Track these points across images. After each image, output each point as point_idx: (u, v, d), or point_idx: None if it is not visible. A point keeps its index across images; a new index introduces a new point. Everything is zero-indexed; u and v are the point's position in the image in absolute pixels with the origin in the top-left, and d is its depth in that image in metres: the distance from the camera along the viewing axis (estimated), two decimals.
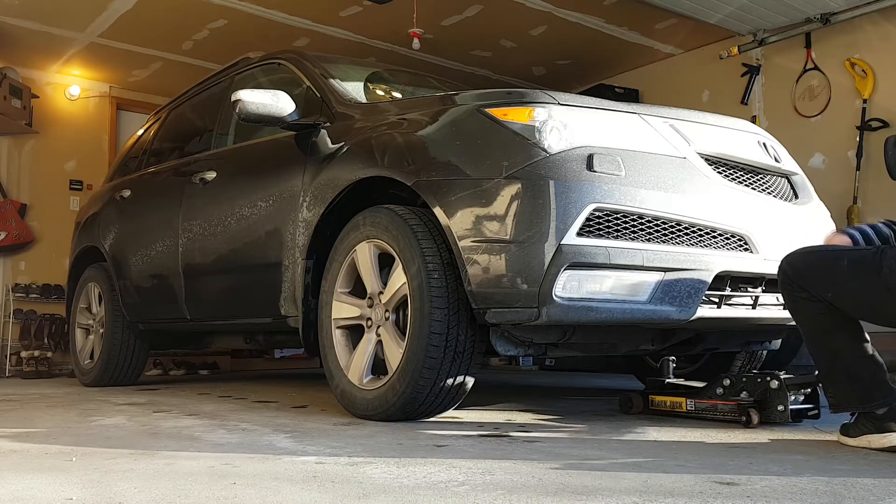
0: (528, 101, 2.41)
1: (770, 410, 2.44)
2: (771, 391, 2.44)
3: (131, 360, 4.42)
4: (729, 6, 5.08)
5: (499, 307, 2.25)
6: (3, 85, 5.75)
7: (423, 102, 2.81)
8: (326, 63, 3.46)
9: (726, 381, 2.56)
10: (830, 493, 1.46)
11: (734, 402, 2.49)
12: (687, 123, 2.59)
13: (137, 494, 1.48)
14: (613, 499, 1.42)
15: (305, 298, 2.92)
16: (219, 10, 5.34)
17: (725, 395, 2.54)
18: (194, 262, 3.64)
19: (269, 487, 1.54)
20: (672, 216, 2.32)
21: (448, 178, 2.40)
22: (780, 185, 2.80)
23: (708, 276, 2.32)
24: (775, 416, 2.43)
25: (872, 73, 5.06)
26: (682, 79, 6.27)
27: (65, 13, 5.38)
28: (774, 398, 2.44)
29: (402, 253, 2.47)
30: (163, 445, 2.10)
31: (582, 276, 2.20)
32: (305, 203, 2.93)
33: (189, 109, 4.43)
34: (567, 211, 2.20)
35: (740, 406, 2.46)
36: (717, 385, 2.58)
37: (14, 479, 1.64)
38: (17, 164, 6.37)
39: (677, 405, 2.69)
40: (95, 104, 6.78)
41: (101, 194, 4.86)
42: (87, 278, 4.66)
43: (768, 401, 2.45)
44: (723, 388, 2.56)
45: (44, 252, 6.38)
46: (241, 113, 2.99)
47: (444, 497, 1.44)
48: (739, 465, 1.78)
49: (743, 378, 2.52)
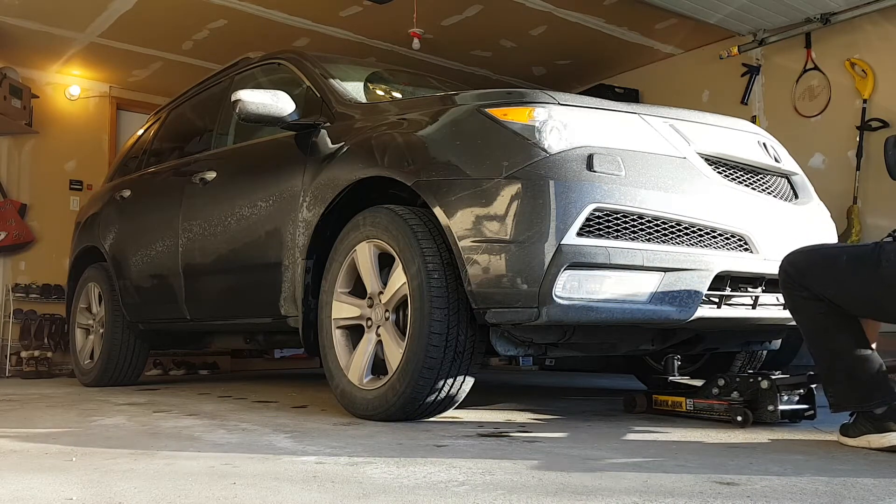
0: (528, 101, 2.41)
1: (761, 411, 2.45)
2: (761, 391, 2.45)
3: (131, 360, 4.42)
4: (729, 6, 5.08)
5: (499, 307, 2.26)
6: (3, 85, 5.75)
7: (423, 102, 2.81)
8: (326, 63, 3.46)
9: (721, 382, 2.57)
10: (830, 493, 1.46)
11: (726, 401, 2.50)
12: (687, 123, 2.59)
13: (137, 494, 1.48)
14: (613, 499, 1.42)
15: (305, 298, 2.93)
16: (219, 10, 5.34)
17: (720, 394, 2.55)
18: (194, 262, 3.64)
19: (269, 487, 1.54)
20: (672, 216, 2.32)
21: (448, 178, 2.40)
22: (780, 185, 2.80)
23: (708, 276, 2.32)
24: (766, 416, 2.45)
25: (872, 73, 5.06)
26: (682, 79, 6.26)
27: (65, 13, 5.38)
28: (765, 398, 2.45)
29: (402, 253, 2.47)
30: (163, 445, 2.10)
31: (582, 276, 2.20)
32: (305, 203, 2.93)
33: (189, 109, 4.43)
34: (567, 211, 2.20)
35: (731, 406, 2.47)
36: (713, 385, 2.59)
37: (14, 479, 1.64)
38: (17, 164, 6.37)
39: (678, 405, 2.70)
40: (95, 104, 6.78)
41: (101, 194, 4.86)
42: (87, 278, 4.66)
43: (759, 401, 2.46)
44: (718, 388, 2.57)
45: (44, 252, 6.38)
46: (241, 113, 2.99)
47: (444, 497, 1.44)
48: (739, 465, 1.78)
49: (736, 378, 2.53)
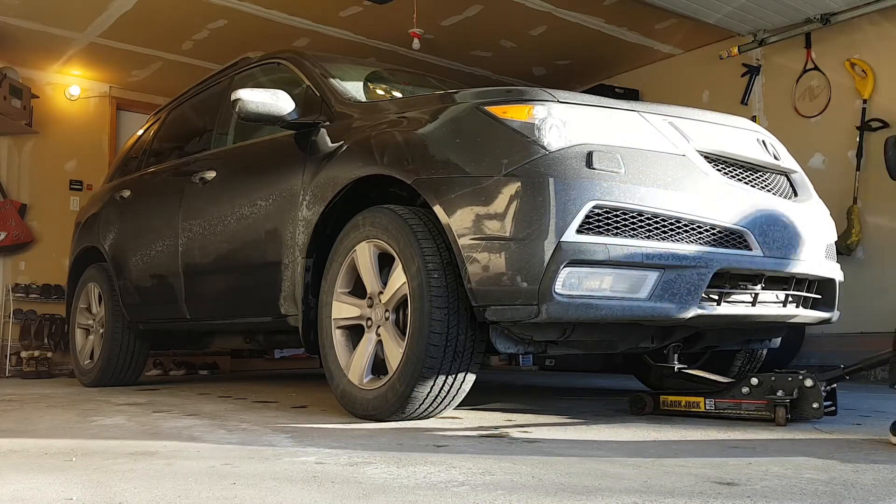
0: (527, 99, 2.41)
1: (804, 407, 2.50)
2: (805, 389, 2.50)
3: (131, 360, 4.42)
4: (729, 6, 5.08)
5: (498, 305, 2.25)
6: (3, 85, 5.75)
7: (423, 101, 2.80)
8: (326, 63, 3.46)
9: (754, 381, 2.59)
10: (830, 494, 1.46)
11: (767, 400, 2.53)
12: (686, 121, 2.59)
13: (137, 494, 1.48)
14: (613, 499, 1.42)
15: (305, 297, 2.92)
16: (219, 10, 5.34)
17: (752, 394, 2.56)
18: (194, 261, 3.64)
19: (269, 487, 1.54)
20: (671, 213, 2.32)
21: (448, 176, 2.40)
22: (780, 183, 2.80)
23: (707, 274, 2.32)
24: (808, 412, 2.50)
25: (872, 73, 5.06)
26: (682, 79, 6.26)
27: (65, 13, 5.38)
28: (809, 395, 2.50)
29: (402, 253, 2.47)
30: (163, 445, 2.10)
31: (581, 273, 2.20)
32: (305, 202, 2.93)
33: (189, 109, 4.43)
34: (566, 208, 2.20)
35: (775, 404, 2.50)
36: (744, 384, 2.60)
37: (14, 479, 1.64)
38: (17, 164, 6.37)
39: (694, 405, 2.68)
40: (95, 104, 6.78)
41: (101, 194, 4.86)
42: (87, 278, 4.66)
43: (803, 398, 2.50)
44: (749, 387, 2.58)
45: (44, 252, 6.38)
46: (240, 112, 2.99)
47: (444, 497, 1.44)
48: (739, 465, 1.77)
49: (772, 377, 2.56)
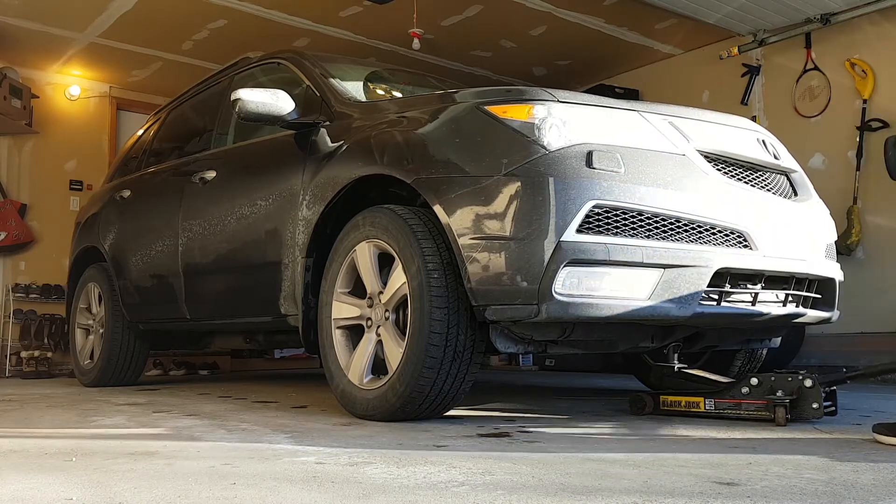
0: (527, 99, 2.41)
1: (804, 408, 2.50)
2: (805, 389, 2.50)
3: (131, 360, 4.42)
4: (729, 6, 5.07)
5: (498, 304, 2.25)
6: (3, 85, 5.75)
7: (423, 100, 2.80)
8: (326, 63, 3.46)
9: (754, 381, 2.59)
10: (830, 494, 1.46)
11: (767, 400, 2.53)
12: (686, 121, 2.59)
13: (137, 494, 1.48)
14: (613, 499, 1.42)
15: (305, 297, 2.92)
16: (219, 10, 5.34)
17: (752, 394, 2.56)
18: (194, 261, 3.64)
19: (269, 487, 1.53)
20: (671, 213, 2.32)
21: (448, 176, 2.40)
22: (780, 182, 2.80)
23: (707, 273, 2.32)
24: (808, 413, 2.50)
25: (872, 73, 5.06)
26: (682, 79, 6.26)
27: (65, 13, 5.38)
28: (809, 396, 2.50)
29: (402, 253, 2.46)
30: (163, 446, 2.09)
31: (581, 272, 2.20)
32: (305, 202, 2.93)
33: (189, 109, 4.43)
34: (566, 208, 2.20)
35: (775, 404, 2.50)
36: (743, 384, 2.60)
37: (14, 479, 1.64)
38: (17, 164, 6.37)
39: (694, 405, 2.69)
40: (95, 104, 6.78)
41: (101, 194, 4.86)
42: (87, 278, 4.66)
43: (803, 398, 2.50)
44: (749, 387, 2.58)
45: (44, 252, 6.38)
46: (240, 112, 2.99)
47: (444, 497, 1.44)
48: (739, 465, 1.77)
49: (772, 377, 2.56)
